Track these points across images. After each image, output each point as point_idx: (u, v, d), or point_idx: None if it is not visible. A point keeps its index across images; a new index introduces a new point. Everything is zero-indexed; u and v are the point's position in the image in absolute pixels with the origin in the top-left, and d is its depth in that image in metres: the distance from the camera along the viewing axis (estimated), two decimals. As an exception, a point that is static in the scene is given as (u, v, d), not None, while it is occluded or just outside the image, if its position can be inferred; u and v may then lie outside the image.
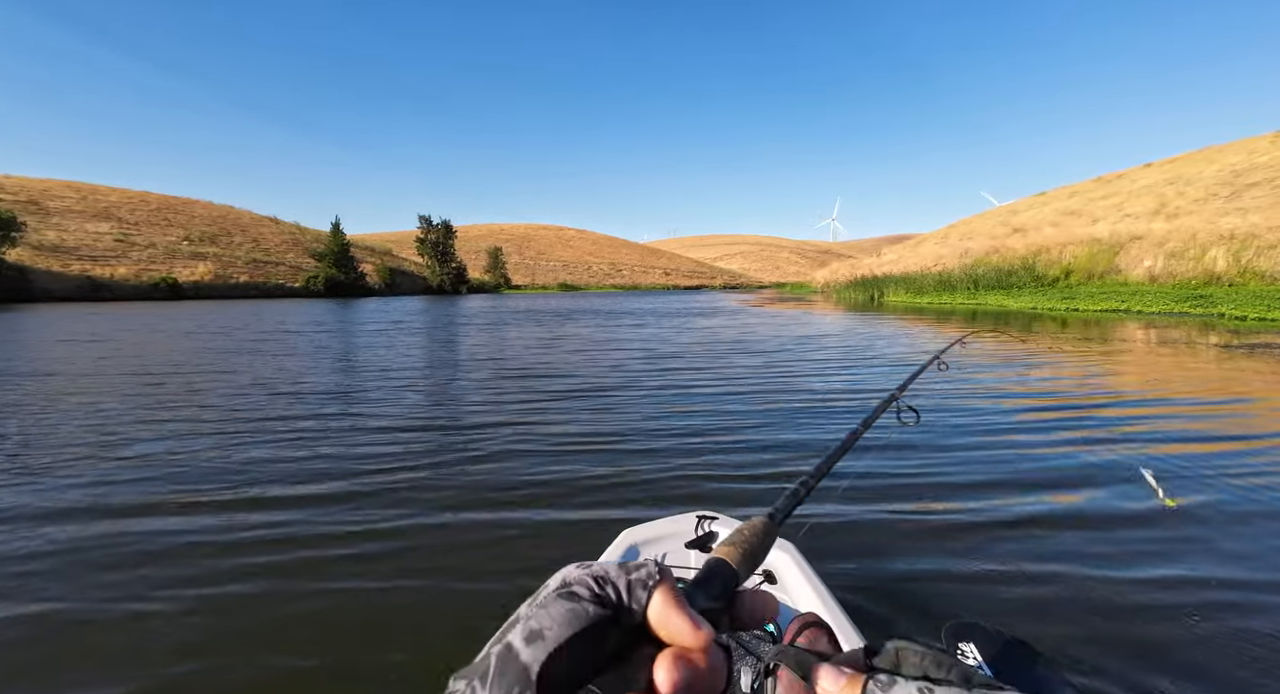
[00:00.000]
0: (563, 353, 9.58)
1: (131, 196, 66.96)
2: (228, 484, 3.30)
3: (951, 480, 3.24)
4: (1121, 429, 4.23)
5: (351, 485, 3.26)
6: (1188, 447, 3.79)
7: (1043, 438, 4.04)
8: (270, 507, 2.97)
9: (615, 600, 0.27)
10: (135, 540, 2.60)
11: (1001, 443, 3.90)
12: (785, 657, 0.38)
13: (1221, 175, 28.53)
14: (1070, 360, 7.39)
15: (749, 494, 3.12)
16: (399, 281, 71.16)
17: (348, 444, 4.12)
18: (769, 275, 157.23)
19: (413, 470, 3.53)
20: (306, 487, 3.25)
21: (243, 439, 4.25)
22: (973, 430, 4.20)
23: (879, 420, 0.88)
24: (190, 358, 8.93)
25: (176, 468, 3.60)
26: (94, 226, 54.09)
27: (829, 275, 40.26)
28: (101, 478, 3.42)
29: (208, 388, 6.39)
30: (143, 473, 3.51)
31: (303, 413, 5.11)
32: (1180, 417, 4.57)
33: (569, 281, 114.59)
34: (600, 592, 0.27)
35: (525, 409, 5.21)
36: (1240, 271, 15.54)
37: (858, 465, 3.27)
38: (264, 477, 3.43)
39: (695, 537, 1.62)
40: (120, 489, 3.24)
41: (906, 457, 3.59)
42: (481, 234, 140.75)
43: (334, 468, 3.57)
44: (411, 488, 3.23)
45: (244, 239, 65.36)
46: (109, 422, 4.77)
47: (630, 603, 0.27)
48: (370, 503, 3.01)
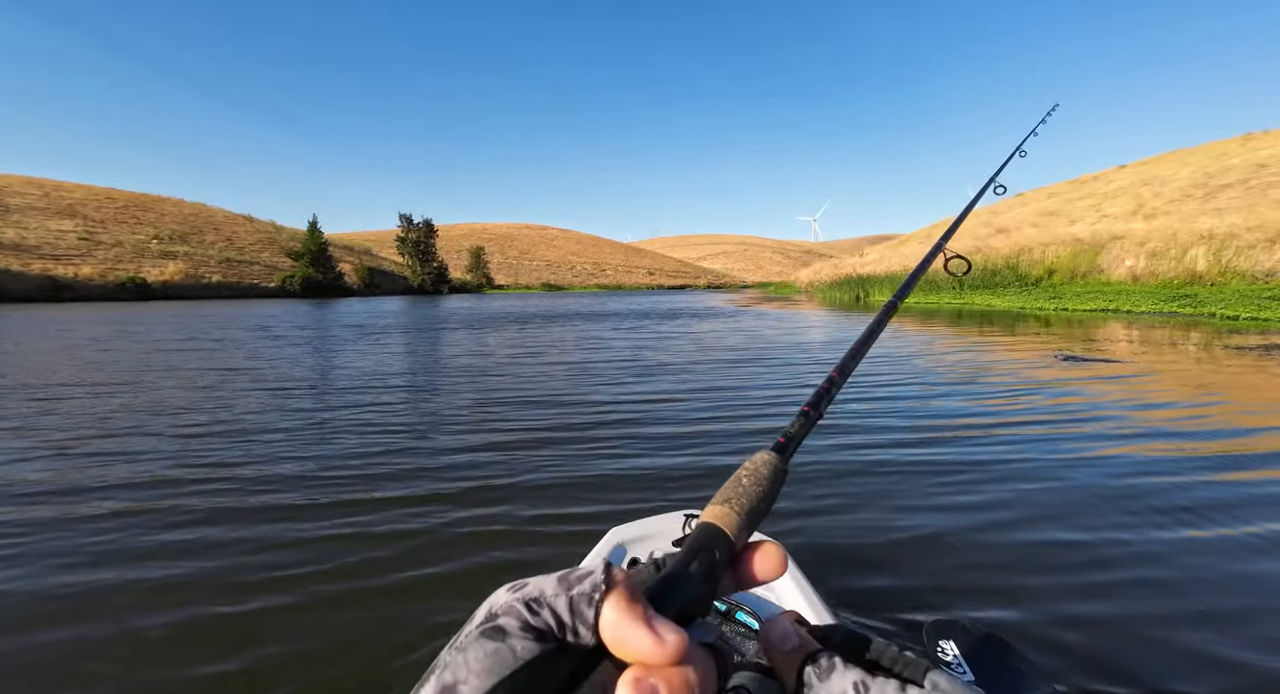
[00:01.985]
0: (547, 382, 9.12)
1: (97, 193, 64.74)
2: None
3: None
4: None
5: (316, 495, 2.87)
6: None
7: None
8: (204, 523, 2.57)
9: (554, 627, 0.23)
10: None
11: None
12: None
13: (1195, 177, 29.10)
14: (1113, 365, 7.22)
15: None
16: (379, 281, 69.93)
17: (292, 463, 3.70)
18: (752, 275, 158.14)
19: (386, 477, 3.17)
20: (272, 497, 2.89)
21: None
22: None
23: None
24: (73, 372, 7.26)
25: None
26: (56, 224, 52.12)
27: (812, 275, 40.31)
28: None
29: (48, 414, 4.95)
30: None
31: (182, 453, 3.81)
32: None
33: (552, 281, 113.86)
34: (534, 621, 0.23)
35: (501, 419, 4.83)
36: (1221, 271, 15.71)
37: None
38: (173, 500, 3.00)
39: (683, 535, 1.71)
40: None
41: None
42: (464, 233, 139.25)
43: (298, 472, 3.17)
44: (388, 491, 2.89)
45: (217, 238, 63.62)
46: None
47: (575, 625, 0.23)
48: (338, 511, 2.64)
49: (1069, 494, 2.96)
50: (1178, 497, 2.88)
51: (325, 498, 3.02)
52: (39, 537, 2.60)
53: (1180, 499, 2.85)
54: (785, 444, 0.39)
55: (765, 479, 0.35)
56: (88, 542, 2.54)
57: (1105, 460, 3.48)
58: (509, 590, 0.25)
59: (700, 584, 0.28)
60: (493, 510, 2.83)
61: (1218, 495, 2.90)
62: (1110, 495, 2.93)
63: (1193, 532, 2.53)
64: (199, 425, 4.59)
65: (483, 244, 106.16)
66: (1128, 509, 2.76)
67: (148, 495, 3.09)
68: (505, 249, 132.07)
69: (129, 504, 2.97)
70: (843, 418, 4.66)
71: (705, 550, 0.29)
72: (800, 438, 0.40)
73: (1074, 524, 2.63)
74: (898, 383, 6.15)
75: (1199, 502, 2.82)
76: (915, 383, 6.12)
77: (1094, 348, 8.44)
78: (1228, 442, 3.82)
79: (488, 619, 0.23)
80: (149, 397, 5.81)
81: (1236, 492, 2.96)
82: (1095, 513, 2.73)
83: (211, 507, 2.92)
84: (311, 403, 5.51)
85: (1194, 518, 2.66)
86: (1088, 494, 2.96)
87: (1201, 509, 2.74)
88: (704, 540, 0.30)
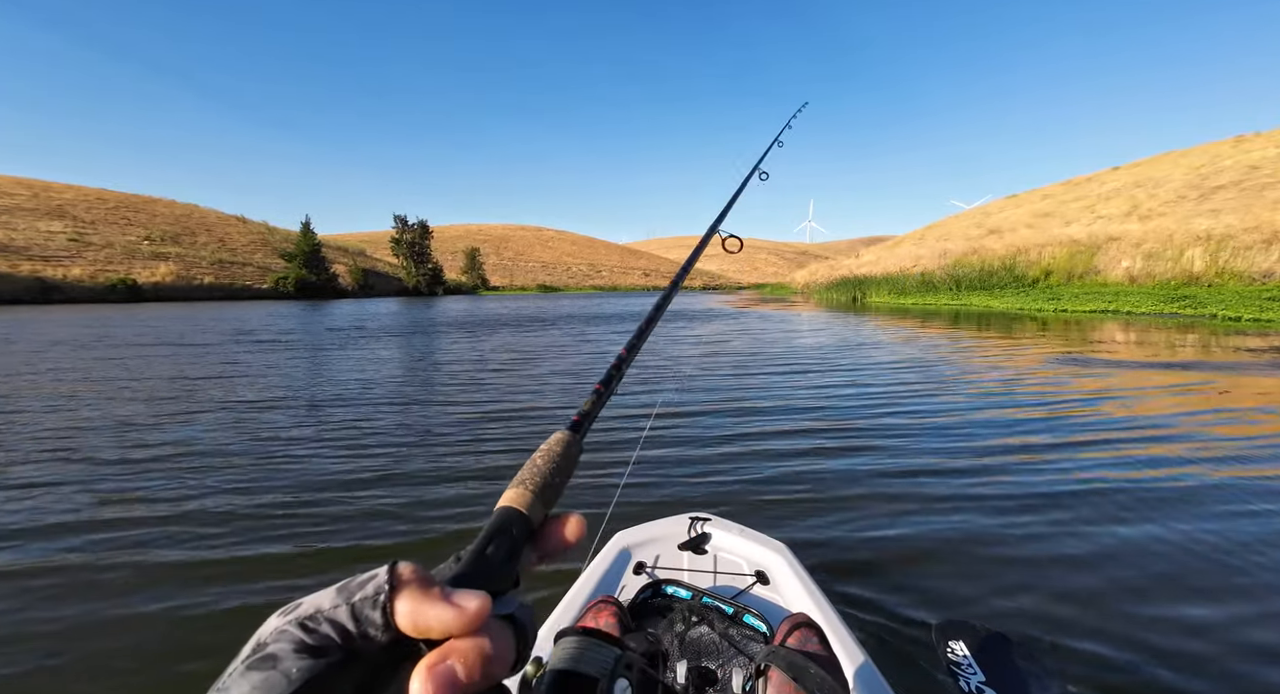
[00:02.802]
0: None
1: (88, 194, 64.08)
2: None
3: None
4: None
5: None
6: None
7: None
8: (200, 542, 2.40)
9: (339, 638, 0.22)
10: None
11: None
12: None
13: (1189, 178, 29.23)
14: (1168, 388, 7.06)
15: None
16: (373, 283, 69.46)
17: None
18: (747, 276, 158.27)
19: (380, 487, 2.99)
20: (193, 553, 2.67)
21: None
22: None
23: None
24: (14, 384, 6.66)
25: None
26: (46, 225, 51.48)
27: (808, 276, 40.27)
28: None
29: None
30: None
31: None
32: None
33: (548, 283, 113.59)
34: (311, 639, 0.22)
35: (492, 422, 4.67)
36: (1218, 272, 15.71)
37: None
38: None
39: (688, 538, 1.63)
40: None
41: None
42: (459, 234, 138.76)
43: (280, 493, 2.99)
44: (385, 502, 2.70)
45: (209, 239, 63.05)
46: None
47: (365, 629, 0.23)
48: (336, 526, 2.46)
49: (1097, 503, 2.84)
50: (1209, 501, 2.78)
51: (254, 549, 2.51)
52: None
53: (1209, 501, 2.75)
54: (579, 422, 0.40)
55: (558, 457, 0.36)
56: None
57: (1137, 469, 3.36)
58: (279, 615, 0.23)
59: (500, 566, 0.29)
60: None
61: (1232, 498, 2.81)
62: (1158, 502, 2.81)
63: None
64: (140, 448, 4.00)
65: (478, 245, 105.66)
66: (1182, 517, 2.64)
67: (47, 549, 2.47)
68: (500, 250, 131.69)
69: (26, 562, 2.38)
70: (857, 420, 4.57)
71: (502, 533, 0.30)
72: (594, 415, 0.42)
73: (1097, 532, 2.53)
74: (924, 393, 6.03)
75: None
76: (929, 383, 6.00)
77: (1092, 349, 8.35)
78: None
79: (254, 650, 0.22)
80: (86, 413, 5.57)
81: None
82: (1128, 521, 2.62)
83: (136, 563, 2.35)
84: (279, 418, 5.33)
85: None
86: (1114, 503, 2.84)
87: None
88: (500, 524, 0.31)
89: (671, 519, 1.78)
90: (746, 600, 1.35)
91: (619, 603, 1.15)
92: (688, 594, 1.35)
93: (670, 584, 1.39)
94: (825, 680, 0.78)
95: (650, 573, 1.54)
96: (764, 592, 1.47)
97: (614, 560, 1.58)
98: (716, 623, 1.20)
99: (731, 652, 1.10)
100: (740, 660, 1.07)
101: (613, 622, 1.07)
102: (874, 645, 1.70)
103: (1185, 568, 2.21)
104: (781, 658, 0.79)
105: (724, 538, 1.67)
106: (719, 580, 1.51)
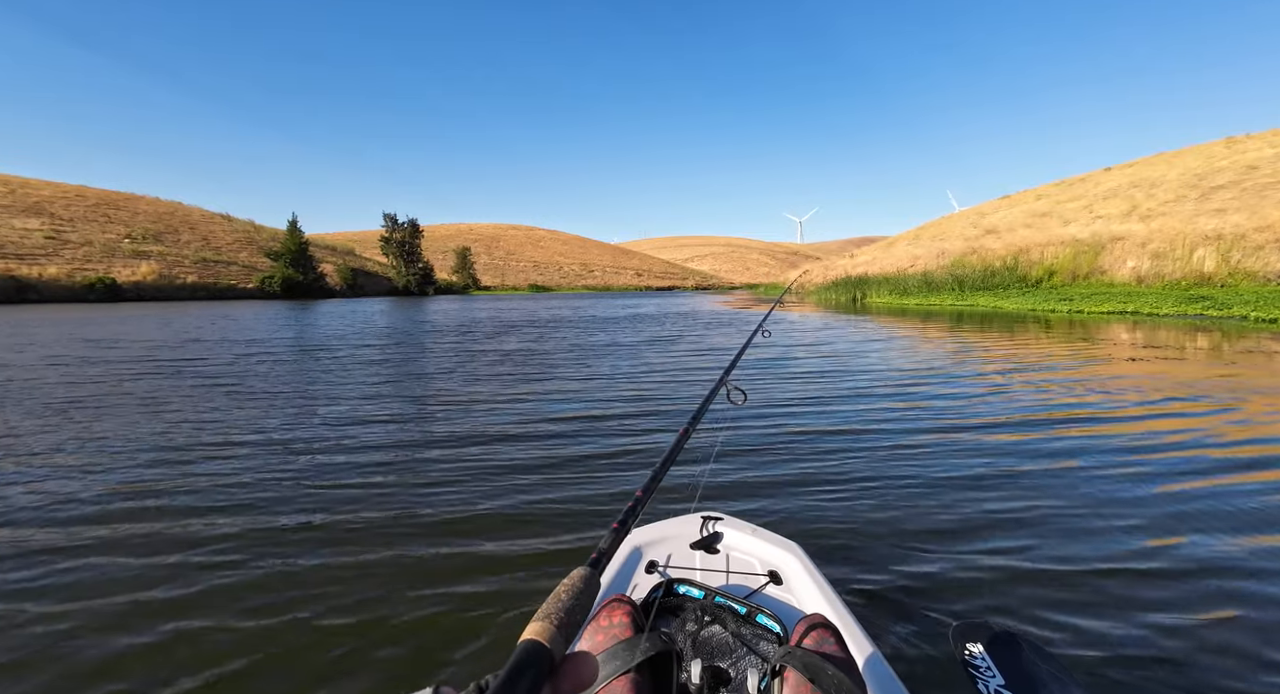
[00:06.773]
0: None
1: (67, 191, 62.31)
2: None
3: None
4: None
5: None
6: None
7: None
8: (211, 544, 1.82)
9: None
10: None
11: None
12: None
13: (1185, 178, 29.15)
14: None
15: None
16: (362, 282, 68.30)
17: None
18: (739, 276, 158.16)
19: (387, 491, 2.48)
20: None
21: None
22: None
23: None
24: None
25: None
26: (21, 222, 49.92)
27: (802, 276, 39.93)
28: None
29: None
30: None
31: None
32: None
33: (539, 283, 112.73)
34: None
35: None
36: (1230, 272, 15.44)
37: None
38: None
39: (700, 537, 1.61)
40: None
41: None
42: (449, 234, 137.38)
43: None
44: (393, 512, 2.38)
45: (192, 237, 61.59)
46: None
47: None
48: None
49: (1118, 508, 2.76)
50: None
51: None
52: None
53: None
54: (598, 559, 0.44)
55: (580, 592, 0.39)
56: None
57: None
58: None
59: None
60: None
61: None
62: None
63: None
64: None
65: (469, 244, 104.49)
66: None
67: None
68: (492, 250, 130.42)
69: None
70: (873, 423, 4.43)
71: (528, 667, 0.31)
72: (611, 552, 0.45)
73: (1115, 537, 2.49)
74: (944, 395, 5.54)
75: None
76: (941, 382, 5.51)
77: (1176, 356, 7.88)
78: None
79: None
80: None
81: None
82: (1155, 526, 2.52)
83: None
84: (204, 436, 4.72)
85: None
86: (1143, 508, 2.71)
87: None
88: (525, 659, 0.32)
89: (683, 518, 1.76)
90: (759, 600, 1.35)
91: (632, 602, 1.13)
92: (700, 594, 1.32)
93: (682, 583, 1.35)
94: (842, 682, 0.77)
95: (662, 572, 1.52)
96: (777, 591, 1.46)
97: (626, 559, 1.58)
98: (729, 622, 1.20)
99: (744, 651, 1.10)
100: (753, 660, 1.07)
101: (625, 621, 1.05)
102: (890, 647, 1.70)
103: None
104: (798, 659, 0.78)
105: (736, 537, 1.66)
106: (731, 580, 1.50)
